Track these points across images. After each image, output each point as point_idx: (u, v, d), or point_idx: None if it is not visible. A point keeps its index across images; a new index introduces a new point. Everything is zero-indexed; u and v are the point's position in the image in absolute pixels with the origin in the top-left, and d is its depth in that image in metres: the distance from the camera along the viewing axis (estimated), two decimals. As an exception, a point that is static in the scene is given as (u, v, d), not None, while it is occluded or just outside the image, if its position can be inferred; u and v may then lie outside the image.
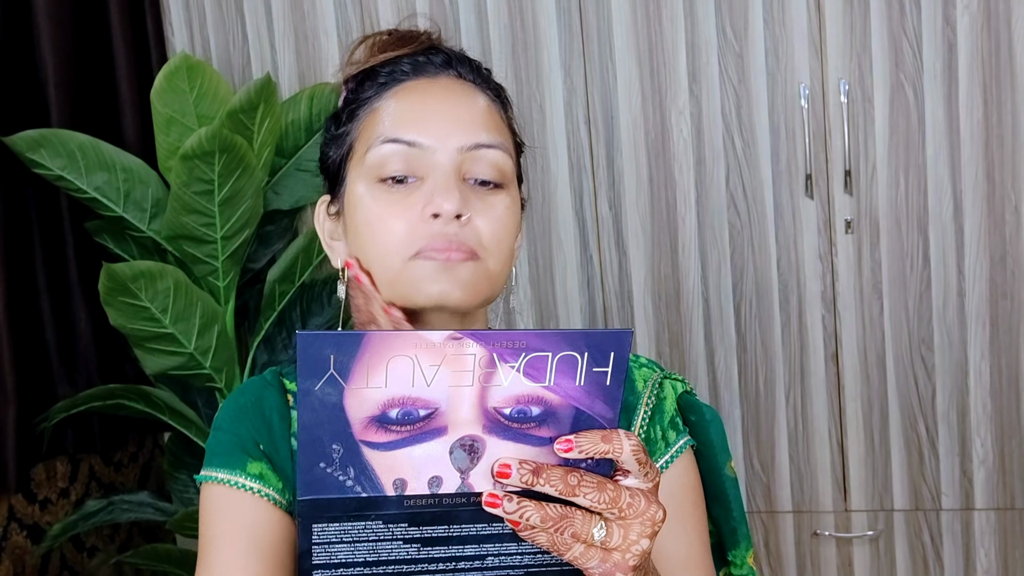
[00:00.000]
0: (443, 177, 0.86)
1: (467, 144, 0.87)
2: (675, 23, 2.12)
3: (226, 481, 0.90)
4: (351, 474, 0.66)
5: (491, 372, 0.66)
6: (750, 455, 2.22)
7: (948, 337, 2.12)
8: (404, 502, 0.67)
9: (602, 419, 0.68)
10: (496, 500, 0.67)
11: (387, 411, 0.65)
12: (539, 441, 0.68)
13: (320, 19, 2.24)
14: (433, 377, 0.65)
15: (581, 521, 0.68)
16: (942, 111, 2.06)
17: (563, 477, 0.67)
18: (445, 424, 0.66)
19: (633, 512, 0.68)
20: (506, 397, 0.67)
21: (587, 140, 2.18)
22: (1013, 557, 2.16)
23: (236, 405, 0.95)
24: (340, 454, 0.66)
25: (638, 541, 0.68)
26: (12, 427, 1.94)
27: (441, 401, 0.66)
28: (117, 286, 1.87)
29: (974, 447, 2.14)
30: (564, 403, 0.67)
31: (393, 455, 0.66)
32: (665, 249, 2.19)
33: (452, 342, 0.65)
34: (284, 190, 2.17)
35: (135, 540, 2.42)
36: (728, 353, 2.20)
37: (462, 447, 0.67)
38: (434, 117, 0.88)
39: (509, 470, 0.67)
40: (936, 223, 2.09)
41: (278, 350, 2.18)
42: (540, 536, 0.67)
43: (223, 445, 0.93)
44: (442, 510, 0.68)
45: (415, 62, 0.92)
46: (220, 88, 1.97)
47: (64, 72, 2.07)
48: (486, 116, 0.90)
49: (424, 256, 0.85)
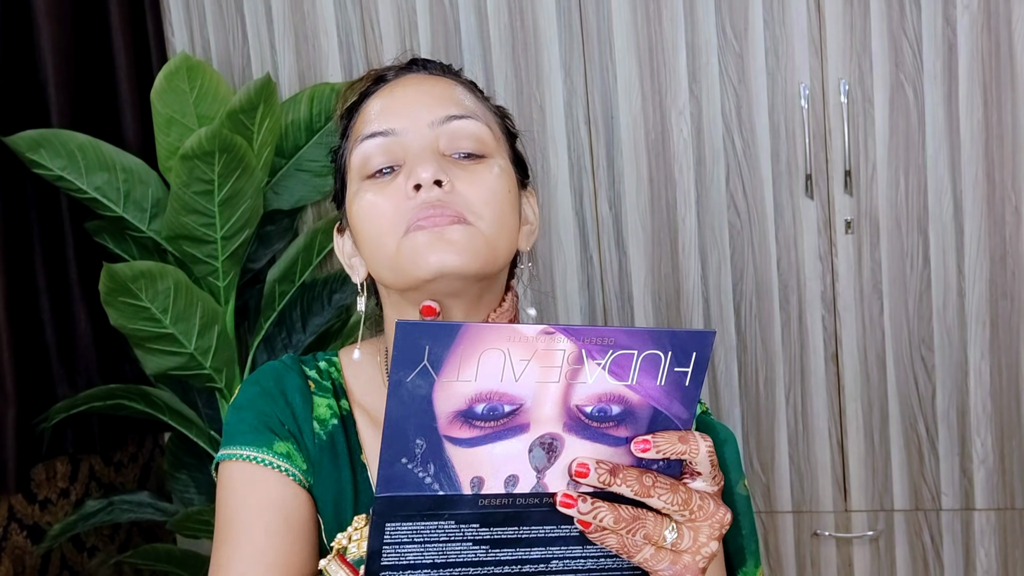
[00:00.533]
0: (421, 152, 0.87)
1: (437, 118, 0.89)
2: (675, 23, 2.12)
3: (252, 458, 0.90)
4: (431, 471, 0.66)
5: (578, 369, 0.66)
6: (750, 455, 2.22)
7: (948, 337, 2.12)
8: (479, 501, 0.67)
9: (678, 420, 0.69)
10: (571, 500, 0.67)
11: (473, 406, 0.65)
12: (615, 441, 0.68)
13: (320, 19, 2.24)
14: (522, 372, 0.65)
15: (653, 523, 0.68)
16: (942, 111, 2.06)
17: (639, 477, 0.67)
18: (528, 421, 0.66)
19: (703, 514, 0.69)
20: (589, 395, 0.67)
21: (587, 140, 2.18)
22: (1013, 557, 2.16)
23: (257, 386, 0.95)
24: (423, 449, 0.66)
25: (707, 543, 0.69)
26: (12, 427, 1.94)
27: (527, 397, 0.66)
28: (117, 286, 1.87)
29: (974, 447, 2.14)
30: (643, 403, 0.68)
31: (474, 452, 0.66)
32: (665, 249, 2.19)
33: (544, 336, 0.65)
34: (284, 190, 2.17)
35: (135, 540, 2.42)
36: (728, 353, 2.20)
37: (541, 445, 0.67)
38: (404, 103, 0.90)
39: (587, 469, 0.67)
40: (936, 223, 2.09)
41: (278, 350, 2.18)
42: (610, 538, 0.68)
43: (247, 423, 0.92)
44: (514, 511, 0.68)
45: (398, 70, 0.96)
46: (220, 88, 1.97)
47: (64, 72, 2.07)
48: (456, 94, 0.92)
49: (414, 228, 0.85)
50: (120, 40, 2.19)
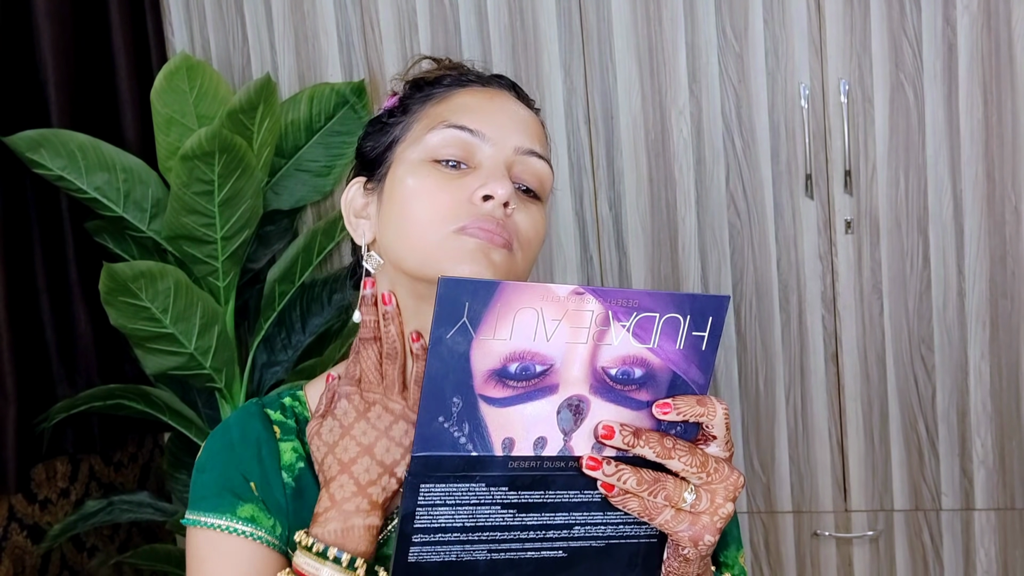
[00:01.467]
0: (498, 167, 0.90)
1: (523, 147, 0.91)
2: (675, 23, 2.12)
3: (216, 526, 0.90)
4: (465, 431, 0.68)
5: (604, 330, 0.69)
6: (750, 455, 2.22)
7: (948, 337, 2.12)
8: (509, 463, 0.70)
9: (695, 384, 0.72)
10: (596, 463, 0.70)
11: (507, 365, 0.68)
12: (637, 404, 0.71)
13: (320, 19, 2.24)
14: (553, 332, 0.68)
15: (673, 485, 0.71)
16: (942, 111, 2.06)
17: (660, 440, 0.71)
18: (557, 382, 0.69)
19: (719, 477, 0.72)
20: (614, 357, 0.69)
21: (587, 140, 2.18)
22: (1013, 557, 2.16)
23: (221, 442, 0.95)
24: (459, 408, 0.68)
25: (724, 504, 0.72)
26: (12, 427, 1.94)
27: (557, 357, 0.68)
28: (117, 286, 1.87)
29: (974, 447, 2.14)
30: (664, 366, 0.71)
31: (507, 412, 0.69)
32: (665, 249, 2.19)
33: (575, 296, 0.67)
34: (284, 190, 2.17)
35: (135, 540, 2.42)
36: (728, 353, 2.20)
37: (569, 407, 0.70)
38: (497, 115, 0.92)
39: (612, 432, 0.70)
40: (936, 223, 2.09)
41: (278, 350, 2.18)
42: (632, 501, 0.71)
43: (209, 487, 0.92)
44: (541, 474, 0.71)
45: (480, 76, 0.98)
46: (220, 88, 1.97)
47: (64, 72, 2.07)
48: (540, 132, 0.96)
49: (468, 232, 0.86)
50: (120, 40, 2.19)
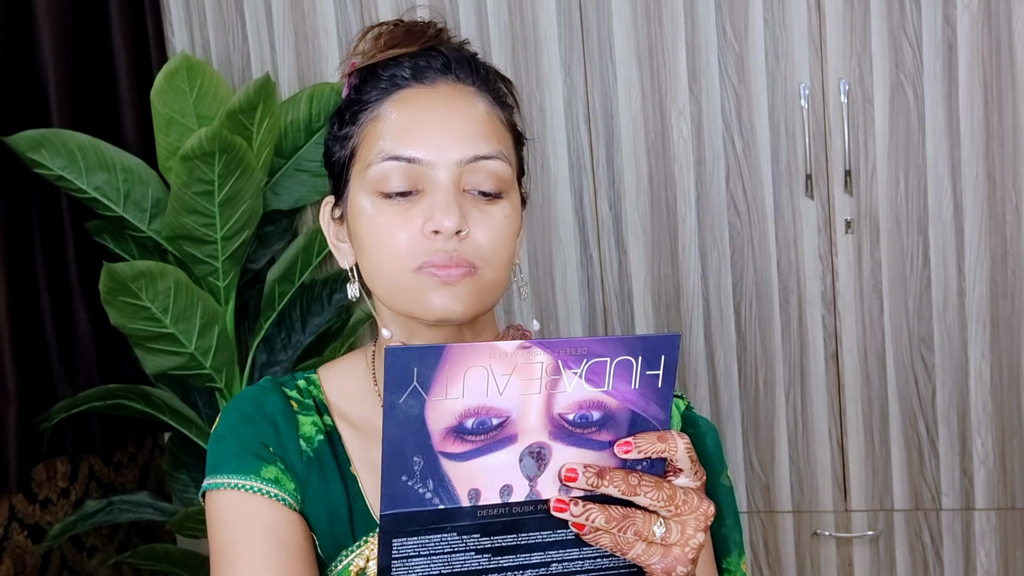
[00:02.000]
0: (443, 193, 0.87)
1: (465, 157, 0.88)
2: (675, 23, 2.12)
3: (240, 486, 0.90)
4: (430, 486, 0.70)
5: (556, 379, 0.70)
6: (750, 455, 2.22)
7: (948, 337, 2.12)
8: (478, 512, 0.71)
9: (655, 420, 0.73)
10: (563, 505, 0.71)
11: (463, 421, 0.69)
12: (599, 445, 0.72)
13: (320, 19, 2.24)
14: (505, 386, 0.69)
15: (642, 520, 0.72)
16: (942, 111, 2.06)
17: (624, 478, 0.71)
18: (515, 432, 0.70)
19: (688, 508, 0.72)
20: (570, 403, 0.71)
21: (587, 140, 2.18)
22: (1013, 557, 2.16)
23: (237, 412, 0.95)
24: (421, 466, 0.69)
25: (694, 535, 0.73)
26: (12, 427, 1.94)
27: (512, 409, 0.70)
28: (117, 286, 1.87)
29: (974, 447, 2.14)
30: (621, 407, 0.71)
31: (468, 465, 0.70)
32: (665, 249, 2.19)
33: (522, 351, 0.69)
34: (283, 190, 2.17)
35: (135, 540, 2.42)
36: (728, 353, 2.20)
37: (531, 454, 0.71)
38: (433, 130, 0.89)
39: (576, 474, 0.71)
40: (936, 223, 2.09)
41: (277, 350, 2.18)
42: (604, 538, 0.71)
43: (230, 451, 0.92)
44: (512, 519, 0.72)
45: (415, 66, 0.92)
46: (220, 88, 1.97)
47: (64, 72, 2.07)
48: (485, 123, 0.91)
49: (426, 272, 0.87)
50: (120, 40, 2.19)
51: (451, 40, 0.98)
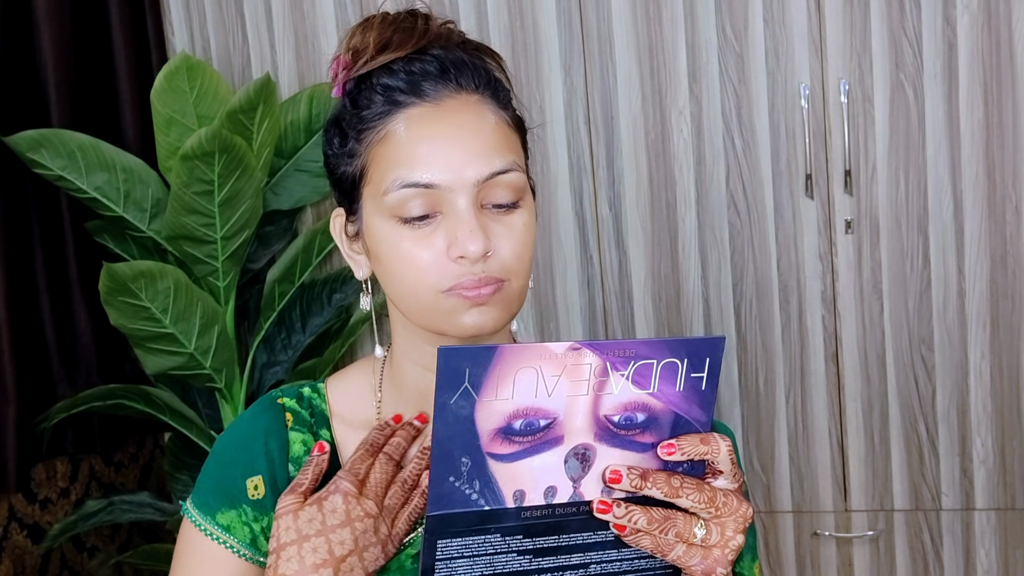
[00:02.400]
0: (465, 217, 0.86)
1: (482, 176, 0.86)
2: (675, 23, 2.12)
3: (198, 524, 0.94)
4: (476, 487, 0.71)
5: (603, 380, 0.71)
6: (750, 455, 2.22)
7: (948, 337, 2.12)
8: (521, 513, 0.72)
9: (697, 423, 0.74)
10: (606, 506, 0.72)
11: (512, 422, 0.70)
12: (642, 447, 0.73)
13: (320, 19, 2.24)
14: (554, 387, 0.70)
15: (683, 522, 0.72)
16: (942, 111, 2.06)
17: (667, 480, 0.72)
18: (562, 434, 0.71)
19: (728, 511, 0.73)
20: (615, 404, 0.71)
21: (587, 140, 2.18)
22: (1013, 557, 2.16)
23: (231, 436, 0.97)
24: (468, 467, 0.70)
25: (734, 537, 0.73)
26: (12, 427, 1.94)
27: (559, 411, 0.71)
28: (117, 286, 1.87)
29: (974, 447, 2.14)
30: (665, 408, 0.72)
31: (515, 466, 0.71)
32: (665, 249, 2.19)
33: (572, 352, 0.70)
34: (283, 190, 2.17)
35: (135, 540, 2.42)
36: (728, 353, 2.20)
37: (575, 456, 0.72)
38: (446, 152, 0.87)
39: (620, 475, 0.71)
40: (936, 223, 2.09)
41: (278, 350, 2.18)
42: (644, 539, 0.72)
43: (205, 482, 0.95)
44: (554, 520, 0.73)
45: (412, 78, 0.89)
46: (220, 88, 1.97)
47: (64, 72, 2.07)
48: (496, 135, 0.89)
49: (456, 294, 0.86)
50: (120, 40, 2.19)
51: (441, 29, 0.95)
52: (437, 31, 0.95)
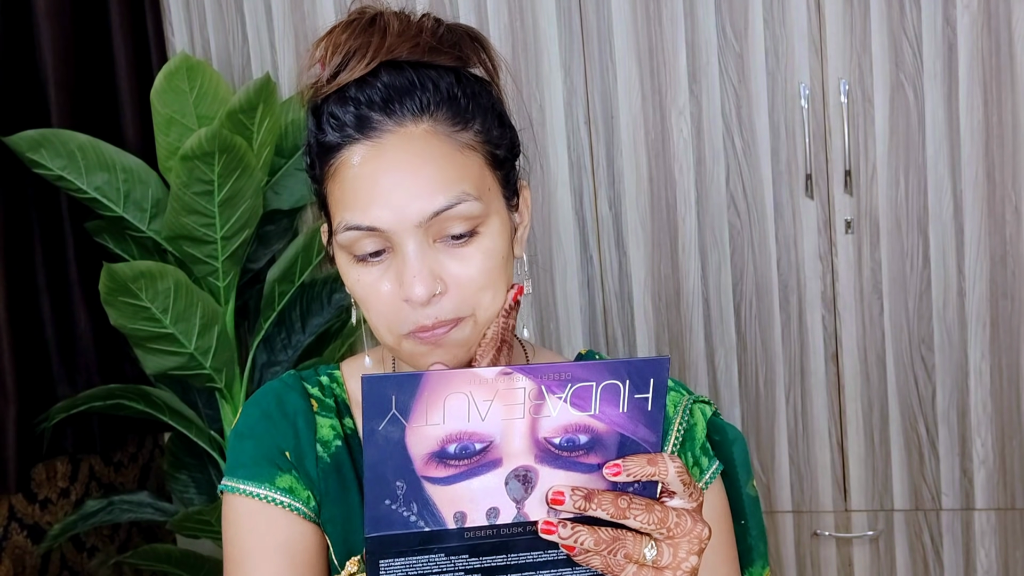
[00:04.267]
0: (409, 260, 0.84)
1: (425, 217, 0.83)
2: (675, 23, 2.12)
3: (255, 495, 0.91)
4: (414, 509, 0.70)
5: (540, 404, 0.69)
6: (750, 455, 2.22)
7: (948, 337, 2.12)
8: (464, 534, 0.71)
9: (646, 443, 0.72)
10: (551, 527, 0.70)
11: (446, 446, 0.69)
12: (588, 468, 0.71)
13: (320, 19, 2.24)
14: (487, 412, 0.68)
15: (632, 542, 0.70)
16: (942, 111, 2.06)
17: (613, 501, 0.70)
18: (500, 456, 0.70)
19: (681, 531, 0.71)
20: (555, 427, 0.70)
21: (587, 140, 2.18)
22: (1013, 557, 2.16)
23: (259, 410, 0.96)
24: (404, 490, 0.69)
25: (687, 559, 0.71)
26: (12, 427, 1.94)
27: (495, 434, 0.69)
28: (117, 286, 1.87)
29: (974, 447, 2.14)
30: (610, 430, 0.71)
31: (453, 488, 0.70)
32: (665, 249, 2.19)
33: (503, 377, 0.68)
34: (284, 190, 2.17)
35: (135, 540, 2.42)
36: (728, 353, 2.20)
37: (516, 478, 0.70)
38: (386, 194, 0.84)
39: (563, 497, 0.70)
40: (936, 223, 2.09)
41: (278, 350, 2.18)
42: (594, 559, 0.70)
43: (248, 454, 0.93)
44: (500, 540, 0.71)
45: (358, 114, 0.86)
46: (220, 88, 1.97)
47: (64, 72, 2.07)
48: (440, 168, 0.85)
49: (412, 338, 0.86)
50: (120, 40, 2.19)
51: (404, 31, 0.91)
52: (398, 34, 0.90)
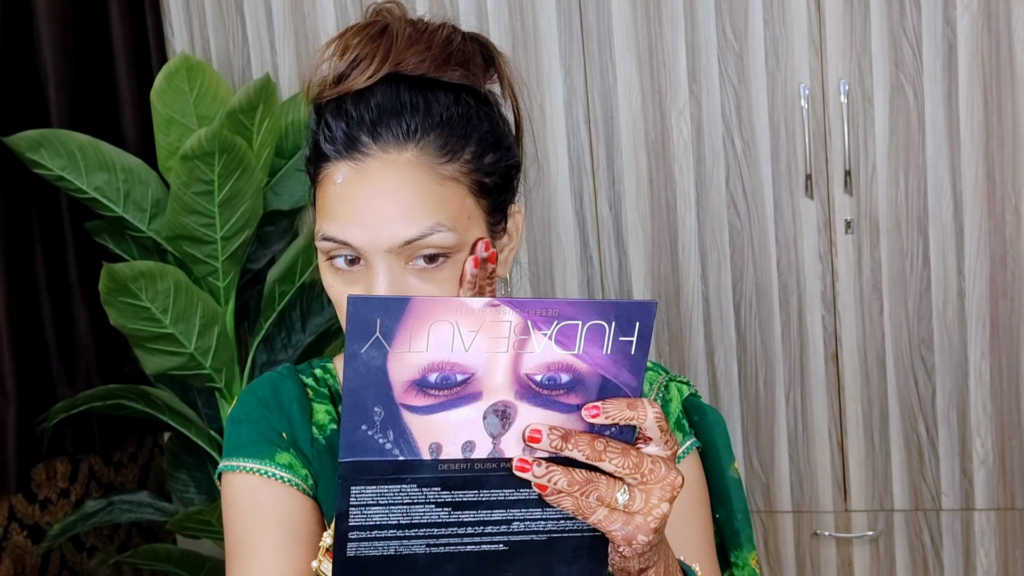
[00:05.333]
0: (379, 279, 0.86)
1: (396, 244, 0.85)
2: (675, 23, 2.12)
3: (255, 471, 0.93)
4: (390, 437, 0.69)
5: (525, 339, 0.68)
6: (750, 455, 2.22)
7: (948, 337, 2.12)
8: (438, 466, 0.70)
9: (627, 387, 0.71)
10: (526, 465, 0.70)
11: (427, 375, 0.68)
12: (567, 408, 0.70)
13: (320, 19, 2.24)
14: (471, 343, 0.68)
15: (605, 485, 0.70)
16: (942, 111, 2.06)
17: (590, 443, 0.70)
18: (480, 390, 0.69)
19: (654, 478, 0.71)
20: (538, 364, 0.69)
21: (587, 140, 2.18)
22: (1013, 557, 2.16)
23: (254, 398, 0.97)
24: (381, 417, 0.68)
25: (658, 505, 0.71)
26: (12, 427, 1.94)
27: (478, 366, 0.68)
28: (117, 286, 1.87)
29: (974, 447, 2.14)
30: (591, 371, 0.70)
31: (431, 419, 0.69)
32: (665, 249, 2.19)
33: (490, 309, 0.67)
34: (284, 190, 2.17)
35: (135, 540, 2.42)
36: (728, 353, 2.20)
37: (495, 412, 0.70)
38: (365, 216, 0.86)
39: (540, 435, 0.69)
40: (936, 223, 2.09)
41: (278, 350, 2.18)
42: (566, 500, 0.70)
43: (247, 435, 0.95)
44: (473, 475, 0.71)
45: (348, 131, 0.88)
46: (220, 88, 1.97)
47: (64, 72, 2.07)
48: (419, 198, 0.86)
49: None
50: (120, 40, 2.19)
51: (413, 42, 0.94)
52: (406, 43, 0.93)
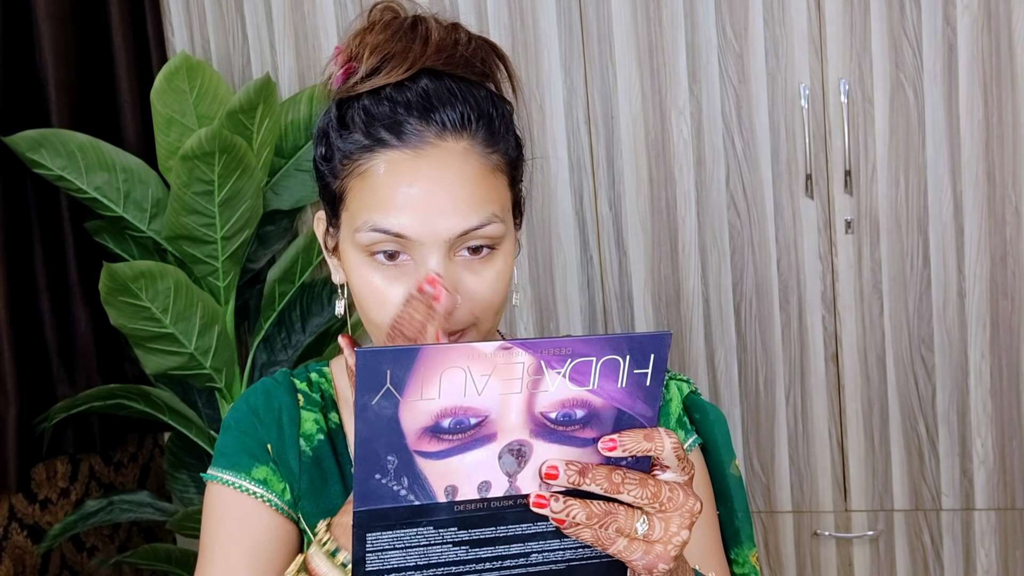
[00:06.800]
0: (434, 271, 0.85)
1: (456, 232, 0.85)
2: (675, 23, 2.12)
3: (231, 483, 0.94)
4: (405, 483, 0.68)
5: (538, 379, 0.68)
6: (750, 455, 2.22)
7: (948, 337, 2.12)
8: (455, 507, 0.70)
9: (643, 418, 0.71)
10: (543, 501, 0.69)
11: (440, 421, 0.67)
12: (583, 442, 0.70)
13: (320, 19, 2.24)
14: (484, 386, 0.67)
15: (624, 516, 0.70)
16: (942, 111, 2.06)
17: (607, 475, 0.69)
18: (495, 431, 0.69)
19: (673, 505, 0.71)
20: (552, 402, 0.69)
21: (587, 140, 2.18)
22: (1013, 557, 2.16)
23: (246, 405, 0.98)
24: (395, 465, 0.68)
25: (678, 532, 0.71)
26: (12, 427, 1.94)
27: (491, 409, 0.68)
28: (117, 286, 1.87)
29: (974, 447, 2.14)
30: (607, 404, 0.70)
31: (445, 463, 0.69)
32: (665, 249, 2.19)
33: (502, 352, 0.67)
34: (284, 190, 2.17)
35: (135, 540, 2.42)
36: (728, 353, 2.20)
37: (510, 452, 0.69)
38: (422, 205, 0.85)
39: (557, 471, 0.69)
40: (936, 223, 2.09)
41: (278, 350, 2.18)
42: (585, 532, 0.70)
43: (231, 445, 0.96)
44: (490, 512, 0.71)
45: (394, 116, 0.86)
46: (220, 88, 1.97)
47: (64, 72, 2.07)
48: (476, 187, 0.86)
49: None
50: (120, 40, 2.19)
51: (442, 38, 0.93)
52: (437, 44, 0.93)
